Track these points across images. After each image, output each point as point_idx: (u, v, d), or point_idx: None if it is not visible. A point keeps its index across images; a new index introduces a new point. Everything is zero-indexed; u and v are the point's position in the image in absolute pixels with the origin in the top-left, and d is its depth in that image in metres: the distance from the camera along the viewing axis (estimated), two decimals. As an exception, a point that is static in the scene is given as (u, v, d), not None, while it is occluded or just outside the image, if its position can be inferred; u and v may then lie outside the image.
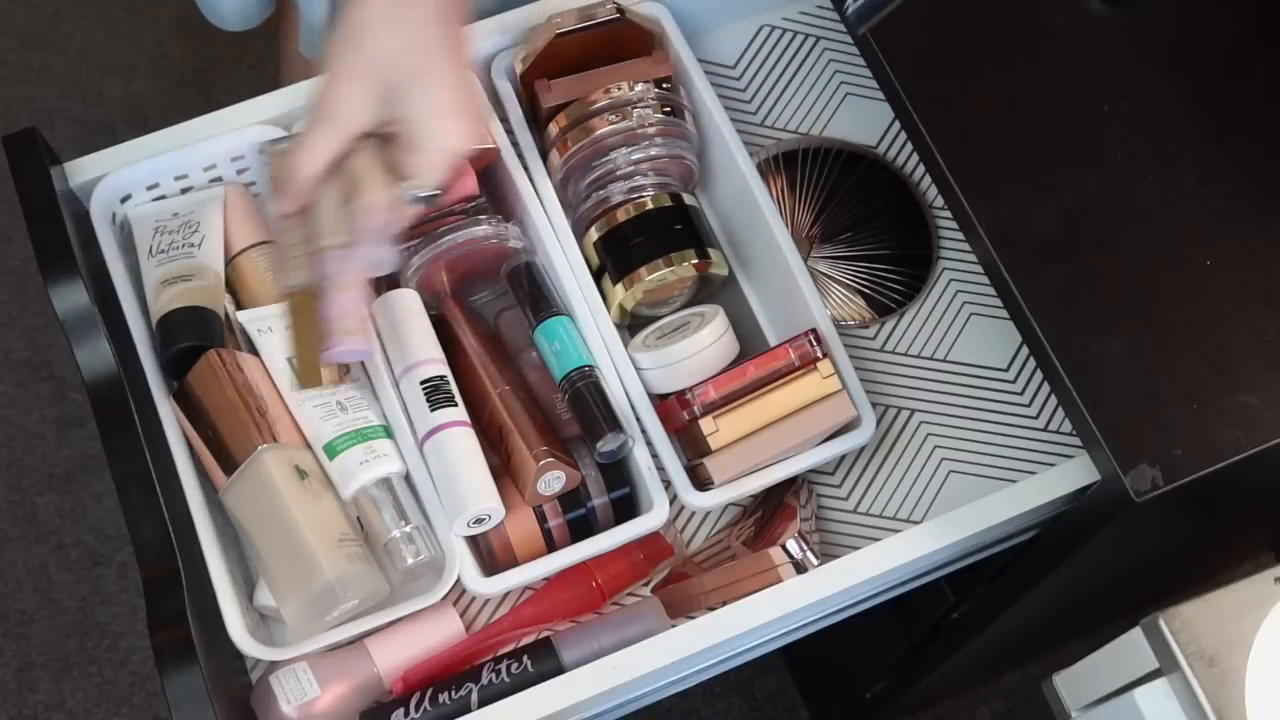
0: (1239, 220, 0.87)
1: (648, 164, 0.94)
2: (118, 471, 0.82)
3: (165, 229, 0.91)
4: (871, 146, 1.04)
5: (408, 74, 0.76)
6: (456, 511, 0.84)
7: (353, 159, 0.79)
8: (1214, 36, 0.93)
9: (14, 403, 1.77)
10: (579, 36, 0.94)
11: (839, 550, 0.91)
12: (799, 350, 0.89)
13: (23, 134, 0.89)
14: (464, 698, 0.84)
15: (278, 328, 0.88)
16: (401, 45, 0.75)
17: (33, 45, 1.95)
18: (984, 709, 1.66)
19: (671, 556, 0.91)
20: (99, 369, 0.85)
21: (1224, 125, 0.91)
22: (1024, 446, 0.95)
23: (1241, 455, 0.81)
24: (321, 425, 0.86)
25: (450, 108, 0.77)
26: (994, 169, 0.89)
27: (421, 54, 0.75)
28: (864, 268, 1.01)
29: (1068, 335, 0.84)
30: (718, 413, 0.87)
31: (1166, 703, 0.88)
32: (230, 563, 0.84)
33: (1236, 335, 0.84)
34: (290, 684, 0.83)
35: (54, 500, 1.73)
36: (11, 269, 1.84)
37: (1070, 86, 0.91)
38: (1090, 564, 0.96)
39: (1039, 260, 0.86)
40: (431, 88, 0.76)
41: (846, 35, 1.01)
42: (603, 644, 0.86)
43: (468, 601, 0.91)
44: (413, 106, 0.76)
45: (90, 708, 1.64)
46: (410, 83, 0.76)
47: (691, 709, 1.64)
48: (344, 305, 0.81)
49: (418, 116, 0.77)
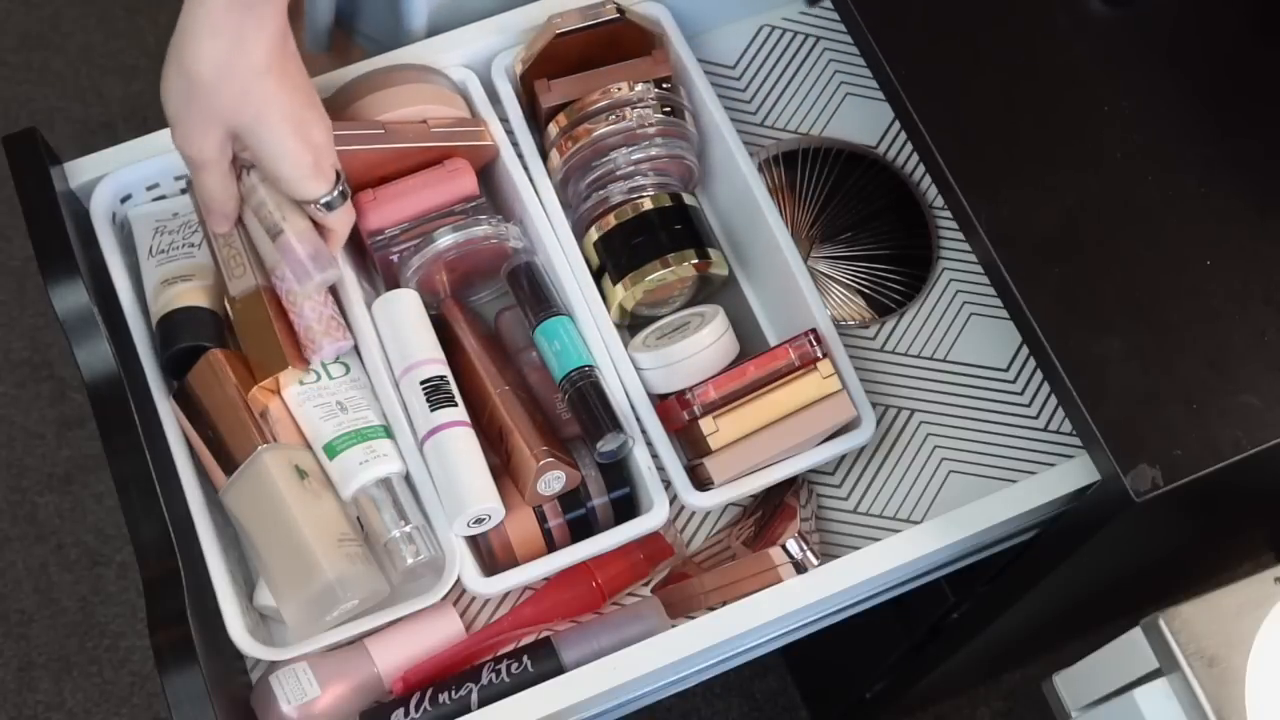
0: (1239, 220, 0.87)
1: (648, 164, 0.94)
2: (118, 471, 0.82)
3: (165, 229, 0.91)
4: (871, 146, 1.04)
5: (249, 120, 0.79)
6: (456, 511, 0.84)
7: (251, 190, 0.84)
8: (1214, 36, 0.93)
9: (14, 403, 1.77)
10: (579, 36, 0.94)
11: (839, 550, 0.91)
12: (799, 350, 0.89)
13: (23, 134, 0.89)
14: (464, 698, 0.84)
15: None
16: (237, 97, 0.78)
17: (33, 45, 1.95)
18: (984, 709, 1.66)
19: (671, 556, 0.91)
20: (99, 369, 0.85)
21: (1224, 125, 0.91)
22: (1024, 446, 0.95)
23: (1241, 455, 0.81)
24: (321, 425, 0.86)
25: (292, 145, 0.80)
26: (994, 169, 0.89)
27: (257, 101, 0.78)
28: (864, 268, 1.01)
29: (1068, 335, 0.84)
30: (718, 413, 0.87)
31: (1166, 703, 0.88)
32: (230, 563, 0.84)
33: (1236, 335, 0.84)
34: (290, 684, 0.83)
35: (54, 500, 1.73)
36: (11, 269, 1.84)
37: (1070, 86, 0.91)
38: (1090, 564, 0.96)
39: (1039, 260, 0.86)
40: (271, 129, 0.79)
41: (846, 35, 1.01)
42: (603, 644, 0.86)
43: (468, 601, 0.91)
44: (260, 148, 0.80)
45: (90, 708, 1.64)
46: (251, 127, 0.79)
47: (691, 709, 1.64)
48: (310, 314, 0.87)
49: (267, 155, 0.80)
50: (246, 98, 0.78)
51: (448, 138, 0.91)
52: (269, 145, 0.80)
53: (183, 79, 0.77)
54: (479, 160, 0.94)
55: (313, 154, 0.81)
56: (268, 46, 0.77)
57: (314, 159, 0.82)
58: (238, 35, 0.76)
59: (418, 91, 0.92)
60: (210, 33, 0.76)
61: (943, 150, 0.89)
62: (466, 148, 0.93)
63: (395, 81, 0.92)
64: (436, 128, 0.91)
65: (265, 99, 0.78)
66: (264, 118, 0.79)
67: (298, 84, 0.80)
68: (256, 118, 0.79)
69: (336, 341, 0.87)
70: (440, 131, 0.91)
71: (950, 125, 0.89)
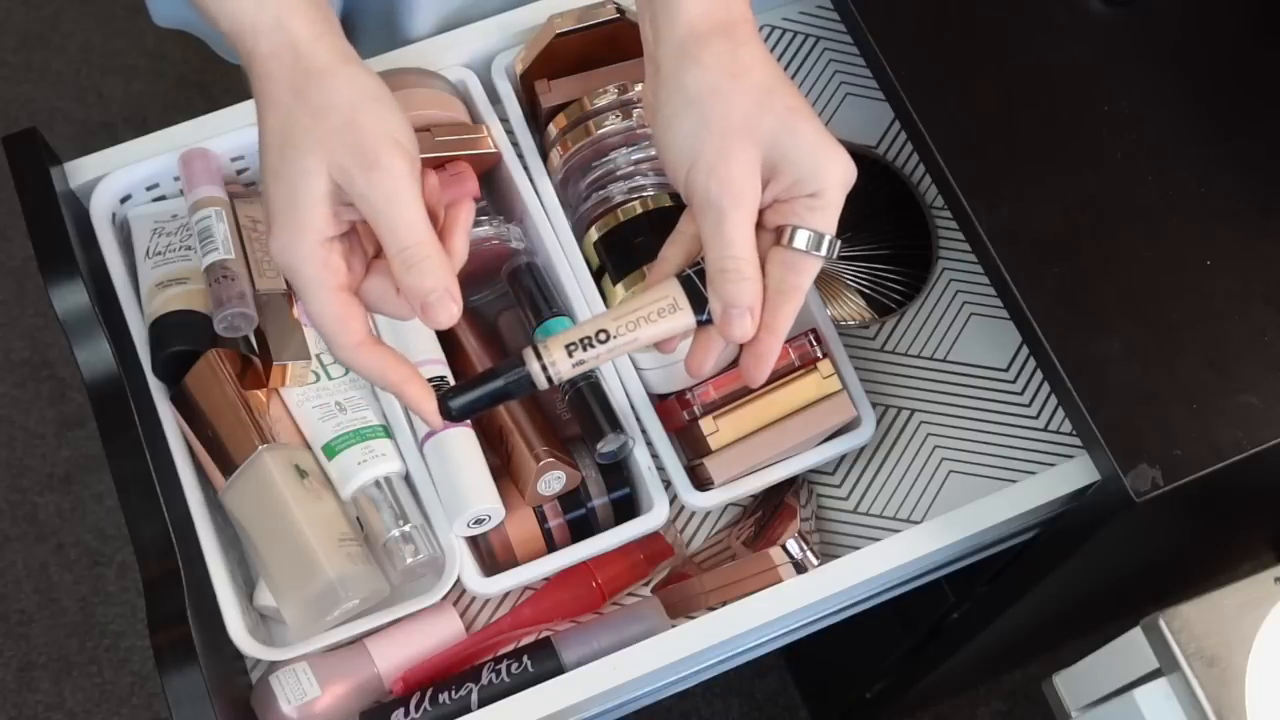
0: (1239, 220, 0.87)
1: (648, 164, 0.94)
2: (118, 471, 0.82)
3: (163, 230, 0.91)
4: (871, 146, 1.04)
5: (355, 176, 0.69)
6: (456, 512, 0.84)
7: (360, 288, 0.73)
8: (1214, 37, 0.94)
9: (14, 403, 1.77)
10: (579, 36, 0.94)
11: (839, 550, 0.91)
12: (799, 350, 0.89)
13: (23, 134, 0.89)
14: (464, 698, 0.84)
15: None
16: (338, 168, 0.69)
17: (33, 45, 1.95)
18: (984, 709, 1.66)
19: (671, 556, 0.91)
20: (99, 369, 0.85)
21: (1224, 125, 0.91)
22: (1024, 446, 0.95)
23: (1241, 455, 0.81)
24: (320, 425, 0.86)
25: (404, 181, 0.70)
26: (994, 169, 0.89)
27: (352, 160, 0.69)
28: (864, 268, 1.01)
29: (1068, 335, 0.84)
30: (718, 413, 0.87)
31: (1166, 703, 0.88)
32: (230, 563, 0.84)
33: (1236, 335, 0.84)
34: (290, 684, 0.83)
35: (54, 500, 1.73)
36: (11, 269, 1.84)
37: (1070, 86, 0.91)
38: (1090, 564, 0.96)
39: (1039, 260, 0.86)
40: (374, 176, 0.69)
41: (847, 35, 1.01)
42: (603, 644, 0.86)
43: (468, 601, 0.91)
44: (367, 203, 0.69)
45: (90, 708, 1.64)
46: (356, 178, 0.69)
47: (691, 709, 1.64)
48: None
49: (375, 207, 0.70)
50: (343, 163, 0.70)
51: (450, 146, 0.91)
52: (378, 189, 0.70)
53: (276, 184, 0.70)
54: (481, 165, 0.94)
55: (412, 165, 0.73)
56: (346, 98, 0.71)
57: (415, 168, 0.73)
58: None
59: (416, 96, 0.92)
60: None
61: (943, 150, 0.89)
62: (469, 155, 0.93)
63: (395, 86, 0.92)
64: (440, 136, 0.91)
65: (359, 151, 0.70)
66: (364, 168, 0.70)
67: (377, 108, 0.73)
68: (357, 170, 0.70)
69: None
70: (443, 140, 0.91)
71: (950, 125, 0.89)
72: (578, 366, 0.72)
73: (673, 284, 0.73)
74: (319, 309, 0.71)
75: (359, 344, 0.72)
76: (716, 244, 0.71)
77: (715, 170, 0.70)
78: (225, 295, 0.85)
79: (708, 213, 0.71)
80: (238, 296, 0.85)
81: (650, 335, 0.73)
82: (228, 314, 0.84)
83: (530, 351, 0.72)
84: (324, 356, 0.89)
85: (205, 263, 0.86)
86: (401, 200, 0.69)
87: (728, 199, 0.70)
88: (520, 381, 0.72)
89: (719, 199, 0.70)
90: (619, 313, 0.73)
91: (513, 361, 0.72)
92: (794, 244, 0.71)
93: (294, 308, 0.89)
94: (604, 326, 0.72)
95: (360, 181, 0.69)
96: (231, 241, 0.87)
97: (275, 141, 0.70)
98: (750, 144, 0.71)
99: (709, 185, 0.70)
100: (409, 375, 0.73)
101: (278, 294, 0.88)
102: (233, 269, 0.86)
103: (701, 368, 0.75)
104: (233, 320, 0.85)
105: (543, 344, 0.72)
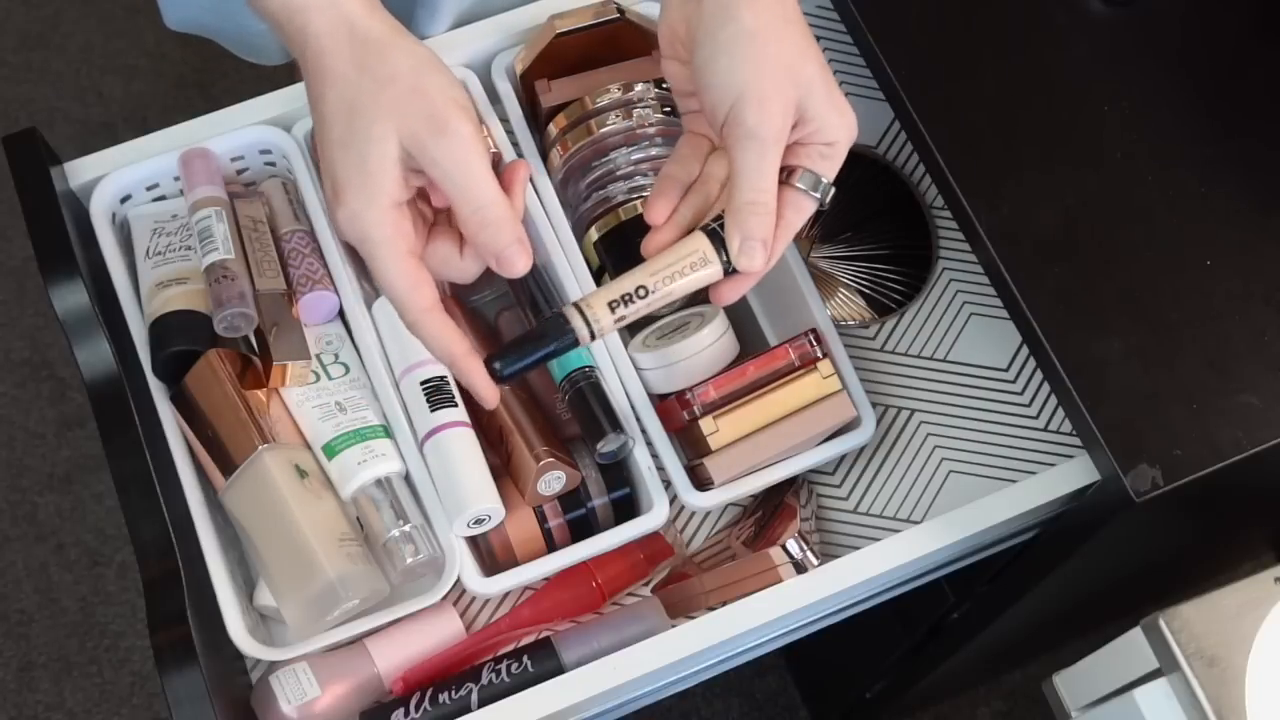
0: (1239, 220, 0.87)
1: (648, 164, 0.94)
2: (118, 471, 0.82)
3: (163, 230, 0.91)
4: (871, 146, 1.04)
5: (425, 141, 0.71)
6: (456, 512, 0.84)
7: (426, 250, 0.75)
8: (1214, 36, 0.94)
9: (14, 403, 1.77)
10: (579, 36, 0.94)
11: (839, 550, 0.91)
12: (799, 350, 0.89)
13: (23, 134, 0.89)
14: (464, 698, 0.84)
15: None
16: (408, 134, 0.71)
17: (33, 45, 1.95)
18: (984, 709, 1.66)
19: (671, 556, 0.91)
20: (99, 369, 0.85)
21: (1224, 125, 0.91)
22: (1024, 446, 0.95)
23: (1241, 455, 0.81)
24: (320, 425, 0.86)
25: (472, 144, 0.71)
26: (994, 169, 0.89)
27: (423, 125, 0.70)
28: (864, 268, 1.01)
29: (1068, 335, 0.84)
30: (718, 413, 0.87)
31: (1166, 703, 0.88)
32: (230, 563, 0.84)
33: (1236, 335, 0.84)
34: (290, 684, 0.83)
35: (54, 500, 1.73)
36: (11, 269, 1.84)
37: (1070, 86, 0.91)
38: (1090, 564, 0.96)
39: (1039, 260, 0.86)
40: (445, 140, 0.71)
41: (847, 35, 1.01)
42: (603, 644, 0.86)
43: (468, 601, 0.91)
44: (438, 168, 0.71)
45: (90, 708, 1.64)
46: (427, 143, 0.71)
47: (691, 709, 1.64)
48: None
49: (446, 171, 0.71)
50: (413, 127, 0.72)
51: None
52: (444, 155, 0.72)
53: (344, 153, 0.72)
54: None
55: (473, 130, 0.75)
56: (401, 62, 0.73)
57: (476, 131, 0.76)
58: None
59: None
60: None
61: (943, 150, 0.89)
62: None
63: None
64: None
65: (431, 116, 0.72)
66: (437, 131, 0.72)
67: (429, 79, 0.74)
68: (428, 134, 0.72)
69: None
70: None
71: (950, 125, 0.89)
72: (619, 322, 0.74)
73: (700, 237, 0.76)
74: (392, 274, 0.73)
75: (429, 308, 0.74)
76: (753, 176, 0.73)
77: (766, 104, 0.73)
78: (225, 295, 0.85)
79: (749, 144, 0.73)
80: (238, 296, 0.85)
81: (683, 288, 0.76)
82: (228, 314, 0.85)
83: (573, 309, 0.74)
84: (324, 356, 0.89)
85: (205, 263, 0.86)
86: (472, 163, 0.71)
87: (772, 134, 0.73)
88: (566, 340, 0.74)
89: (765, 133, 0.73)
90: (654, 268, 0.75)
91: (556, 319, 0.74)
92: (800, 184, 0.75)
93: (294, 307, 0.89)
94: (642, 282, 0.75)
95: (431, 146, 0.70)
96: (231, 241, 0.87)
97: (340, 112, 0.71)
98: (793, 86, 0.73)
99: (759, 118, 0.73)
100: (470, 350, 0.75)
101: (278, 294, 0.88)
102: (233, 269, 0.86)
103: (725, 298, 0.78)
104: (233, 320, 0.85)
105: (585, 301, 0.74)
